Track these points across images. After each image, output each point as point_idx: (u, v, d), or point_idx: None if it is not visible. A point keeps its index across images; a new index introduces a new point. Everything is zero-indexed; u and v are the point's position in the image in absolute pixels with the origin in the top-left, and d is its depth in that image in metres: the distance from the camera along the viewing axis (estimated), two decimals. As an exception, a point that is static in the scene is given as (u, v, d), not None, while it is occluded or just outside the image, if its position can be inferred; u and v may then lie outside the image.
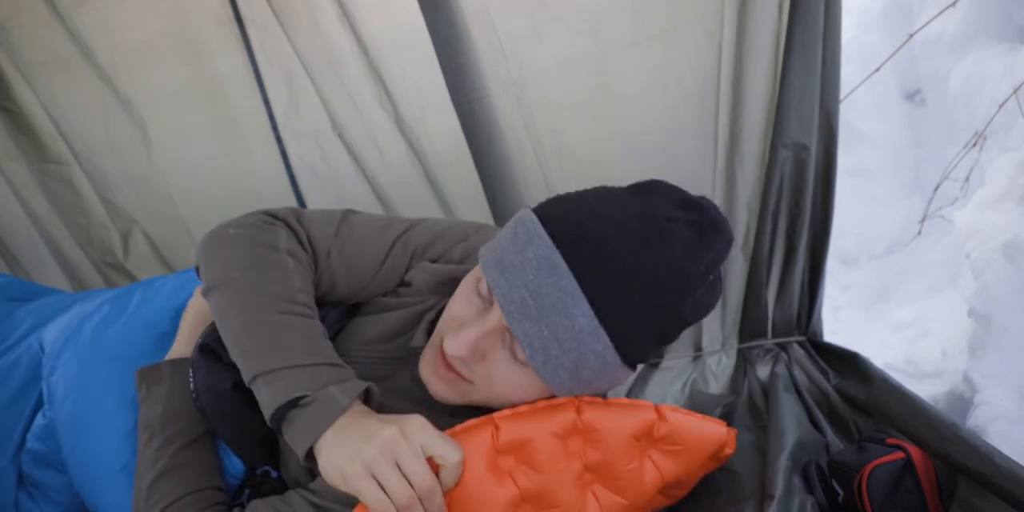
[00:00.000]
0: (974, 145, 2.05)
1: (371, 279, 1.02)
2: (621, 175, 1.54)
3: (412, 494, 0.75)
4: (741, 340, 1.60)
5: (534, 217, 0.82)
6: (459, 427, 0.84)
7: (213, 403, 0.97)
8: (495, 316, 0.80)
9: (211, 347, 0.97)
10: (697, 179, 1.53)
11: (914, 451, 1.06)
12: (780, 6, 1.38)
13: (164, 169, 1.71)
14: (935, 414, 1.13)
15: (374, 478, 0.75)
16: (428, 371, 0.87)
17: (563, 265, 0.76)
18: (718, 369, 1.59)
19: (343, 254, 0.99)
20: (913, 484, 1.04)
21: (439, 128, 1.56)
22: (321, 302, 1.01)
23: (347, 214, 1.04)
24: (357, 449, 0.76)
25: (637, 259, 0.77)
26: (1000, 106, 1.93)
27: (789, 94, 1.40)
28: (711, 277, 0.82)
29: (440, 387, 0.86)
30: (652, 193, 0.84)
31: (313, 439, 0.79)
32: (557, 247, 0.77)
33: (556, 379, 0.81)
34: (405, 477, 0.75)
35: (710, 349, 1.62)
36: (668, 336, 0.84)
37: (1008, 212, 1.54)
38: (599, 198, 0.84)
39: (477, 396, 0.86)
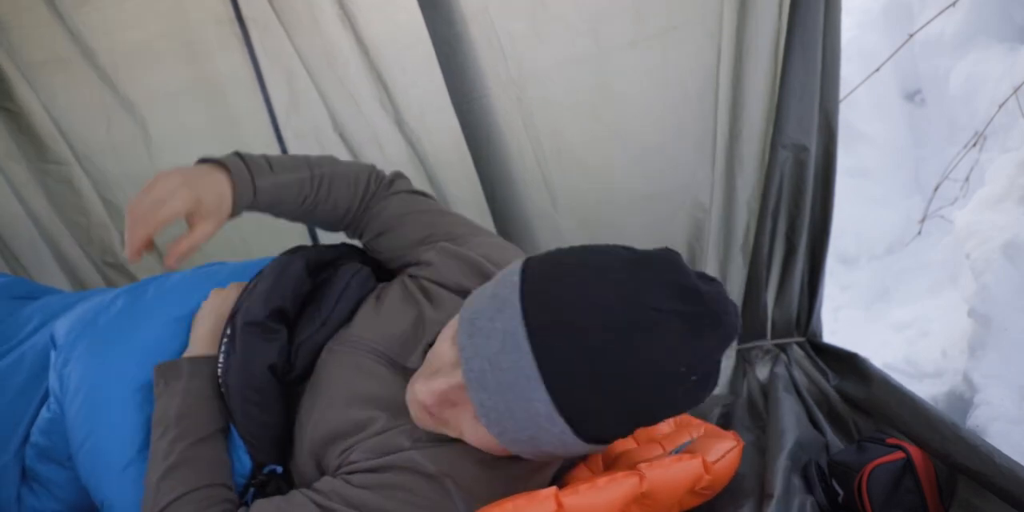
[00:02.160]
0: (974, 145, 2.05)
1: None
2: (621, 175, 1.56)
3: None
4: (740, 341, 1.60)
5: (516, 280, 0.77)
6: (519, 498, 0.82)
7: (241, 384, 0.97)
8: (458, 376, 0.78)
9: (259, 322, 1.00)
10: (696, 180, 1.53)
11: (914, 451, 1.06)
12: (780, 6, 1.38)
13: (165, 169, 1.71)
14: (935, 414, 1.13)
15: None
16: (411, 396, 0.85)
17: (526, 345, 0.72)
18: (717, 370, 1.59)
19: None
20: (913, 484, 1.04)
21: (439, 128, 1.56)
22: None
23: None
24: None
25: (609, 355, 0.71)
26: (1000, 106, 1.93)
27: (789, 94, 1.40)
28: (694, 378, 0.75)
29: (419, 414, 0.86)
30: (651, 269, 0.76)
31: None
32: (526, 323, 0.73)
33: (516, 447, 0.80)
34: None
35: (710, 349, 1.61)
36: (642, 424, 0.79)
37: (1008, 212, 1.54)
38: (594, 270, 0.76)
39: (453, 434, 0.85)
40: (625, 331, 0.72)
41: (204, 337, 1.05)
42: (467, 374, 0.76)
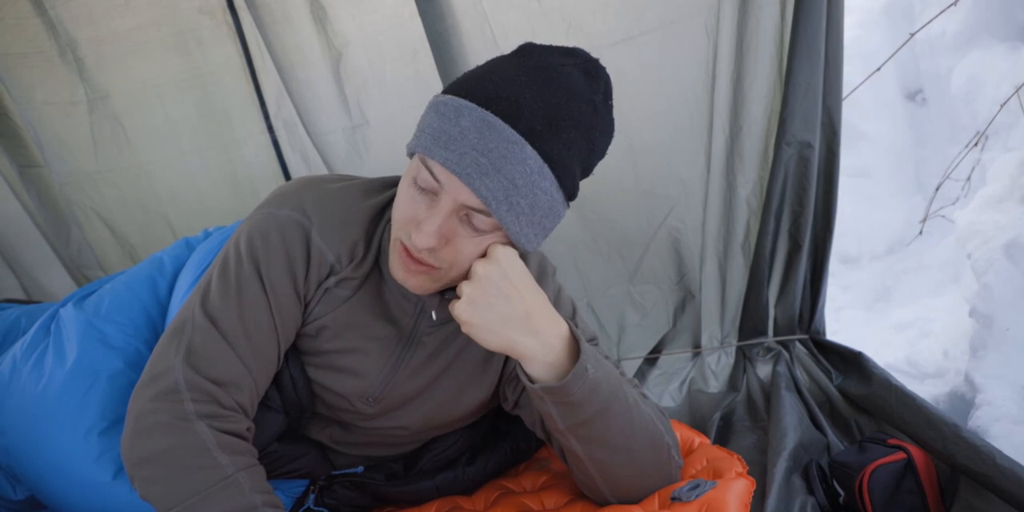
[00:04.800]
0: (975, 145, 2.05)
1: (279, 330, 0.98)
2: (617, 170, 1.54)
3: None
4: (741, 338, 1.60)
5: (452, 96, 0.89)
6: None
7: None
8: (447, 199, 0.86)
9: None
10: (695, 176, 1.53)
11: (915, 452, 1.05)
12: (782, 3, 1.38)
13: (152, 164, 1.69)
14: (936, 415, 1.12)
15: None
16: (401, 272, 0.93)
17: (498, 121, 0.85)
18: (717, 367, 1.59)
19: (254, 352, 0.96)
20: (914, 485, 1.03)
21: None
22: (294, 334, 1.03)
23: (206, 312, 0.96)
24: None
25: (553, 100, 0.87)
26: (1002, 105, 1.92)
27: (794, 92, 1.40)
28: (609, 103, 0.93)
29: (416, 281, 0.92)
30: (534, 52, 0.92)
31: None
32: (487, 109, 0.86)
33: (518, 226, 0.88)
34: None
35: (709, 347, 1.61)
36: (589, 167, 0.94)
37: (1010, 212, 1.53)
38: (497, 67, 0.92)
39: (448, 277, 0.93)
40: (550, 84, 0.87)
41: None
42: (464, 172, 0.84)
